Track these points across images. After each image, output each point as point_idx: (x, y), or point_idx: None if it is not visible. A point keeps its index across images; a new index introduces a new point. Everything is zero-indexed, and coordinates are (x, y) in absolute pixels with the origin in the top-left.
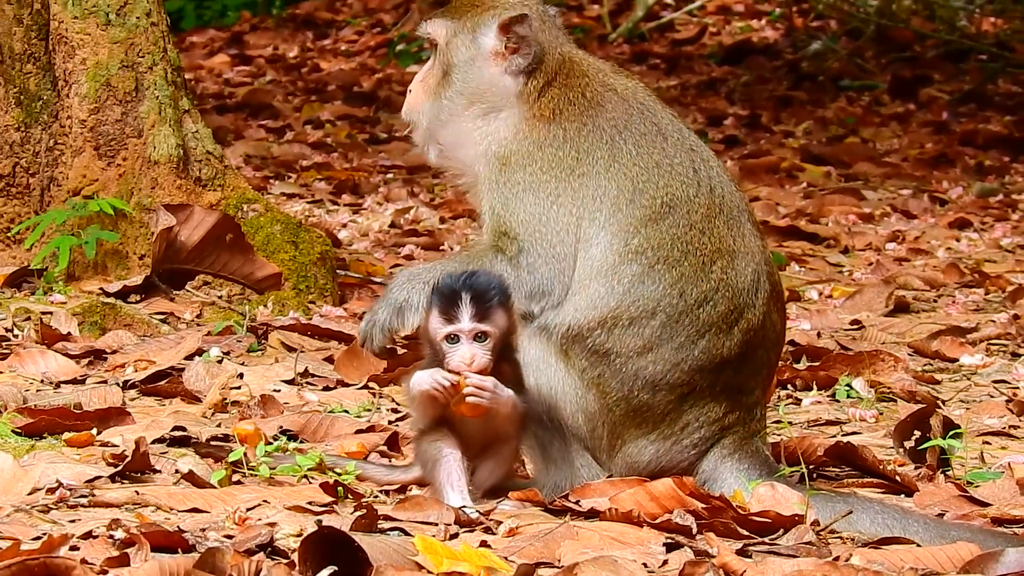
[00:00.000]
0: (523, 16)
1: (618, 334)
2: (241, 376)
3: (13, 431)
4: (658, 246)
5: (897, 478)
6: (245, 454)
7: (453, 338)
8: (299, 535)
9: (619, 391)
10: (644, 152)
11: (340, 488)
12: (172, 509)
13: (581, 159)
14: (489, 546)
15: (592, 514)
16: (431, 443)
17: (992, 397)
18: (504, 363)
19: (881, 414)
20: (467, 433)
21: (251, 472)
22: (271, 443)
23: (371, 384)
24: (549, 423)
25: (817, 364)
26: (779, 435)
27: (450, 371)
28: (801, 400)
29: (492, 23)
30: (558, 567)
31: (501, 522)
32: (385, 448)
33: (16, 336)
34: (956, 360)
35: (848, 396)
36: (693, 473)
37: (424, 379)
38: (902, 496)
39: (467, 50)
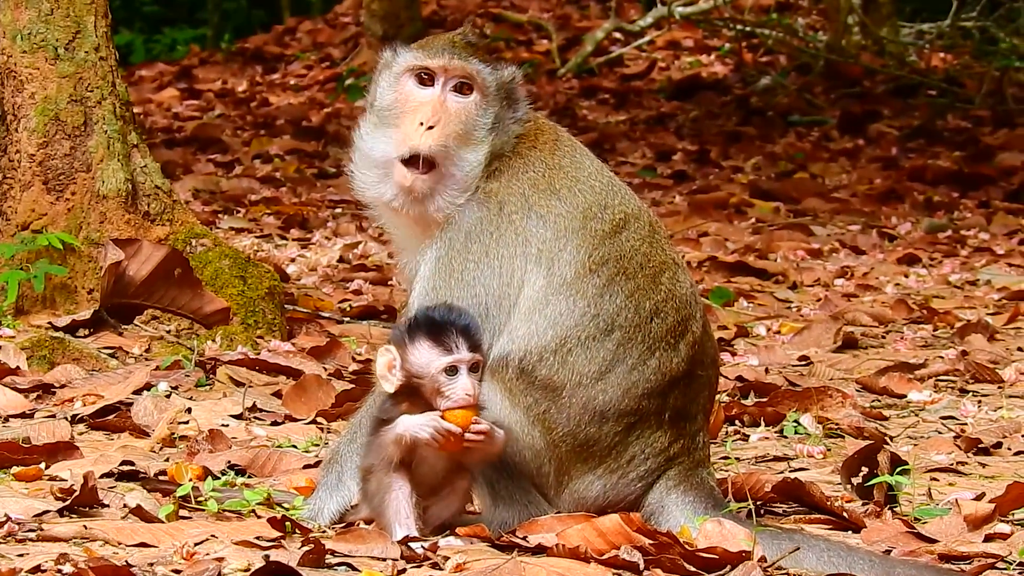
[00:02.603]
0: (519, 72)
1: (572, 361)
2: (189, 411)
3: None
4: (619, 257)
5: (844, 514)
6: (193, 488)
7: (452, 370)
8: (247, 570)
9: (565, 426)
10: (597, 170)
11: (288, 523)
12: (120, 544)
13: (554, 175)
14: None
15: (539, 550)
16: (383, 477)
17: (940, 433)
18: None
19: (829, 450)
20: (422, 472)
21: (199, 507)
22: (219, 478)
23: (319, 419)
24: (496, 460)
25: (765, 400)
26: (727, 471)
27: (450, 405)
28: (749, 436)
29: (516, 77)
30: None
31: (448, 558)
32: None
33: None
34: (904, 396)
35: (796, 432)
36: (640, 506)
37: (420, 427)
38: (849, 532)
39: (502, 103)
